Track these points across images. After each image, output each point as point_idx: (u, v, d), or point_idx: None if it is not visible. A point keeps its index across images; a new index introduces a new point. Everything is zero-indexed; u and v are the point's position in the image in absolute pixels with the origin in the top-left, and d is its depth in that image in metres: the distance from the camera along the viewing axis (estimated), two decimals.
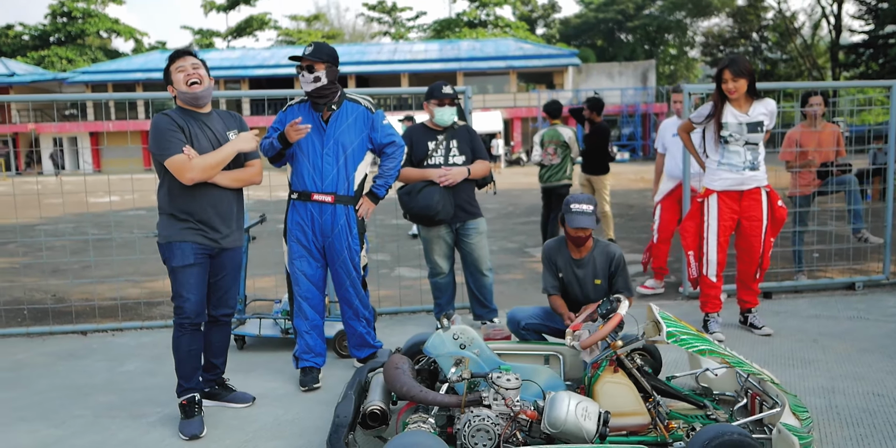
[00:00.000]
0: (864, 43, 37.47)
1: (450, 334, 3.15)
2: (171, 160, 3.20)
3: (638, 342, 3.08)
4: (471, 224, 4.64)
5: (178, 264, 3.29)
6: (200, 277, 3.34)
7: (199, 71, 3.33)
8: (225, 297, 3.53)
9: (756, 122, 4.41)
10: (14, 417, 3.54)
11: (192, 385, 3.37)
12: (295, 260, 3.87)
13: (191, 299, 3.30)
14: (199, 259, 3.32)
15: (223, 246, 3.39)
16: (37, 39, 51.83)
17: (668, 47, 52.63)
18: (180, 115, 3.33)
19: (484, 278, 4.72)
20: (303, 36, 52.95)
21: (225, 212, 3.39)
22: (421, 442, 2.48)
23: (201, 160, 3.23)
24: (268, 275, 6.27)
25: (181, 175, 3.21)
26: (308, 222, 3.81)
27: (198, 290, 3.33)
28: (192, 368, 3.37)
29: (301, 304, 3.88)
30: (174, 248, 3.29)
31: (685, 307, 5.33)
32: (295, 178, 3.85)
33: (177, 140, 3.23)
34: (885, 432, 3.12)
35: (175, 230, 3.29)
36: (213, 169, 3.27)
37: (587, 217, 3.66)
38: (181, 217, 3.30)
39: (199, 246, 3.31)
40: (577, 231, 3.68)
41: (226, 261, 3.46)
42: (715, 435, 2.50)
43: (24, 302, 5.99)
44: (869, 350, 4.26)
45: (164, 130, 3.24)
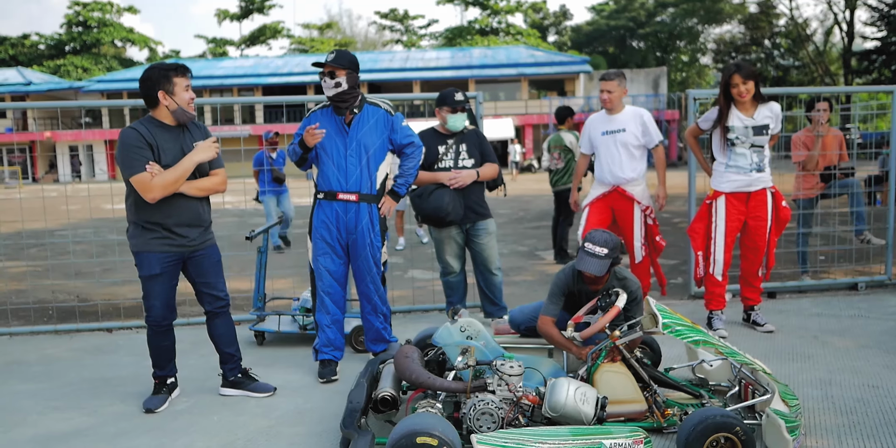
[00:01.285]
0: (877, 49, 37.46)
1: (457, 326, 3.33)
2: (135, 179, 3.34)
3: (636, 333, 3.24)
4: (480, 225, 4.82)
5: (145, 274, 3.51)
6: (166, 285, 3.55)
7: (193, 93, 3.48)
8: (214, 292, 3.73)
9: (762, 125, 4.57)
10: (48, 407, 3.74)
11: (165, 373, 3.73)
12: (319, 256, 4.06)
13: (156, 305, 3.56)
14: (166, 268, 3.52)
15: (193, 248, 3.59)
16: (53, 49, 52.69)
17: (679, 54, 52.72)
18: (150, 128, 3.40)
19: (493, 277, 4.90)
20: (315, 44, 53.49)
21: (190, 219, 3.55)
22: (428, 422, 2.66)
23: (161, 179, 3.35)
24: (286, 276, 6.47)
25: (144, 195, 3.36)
26: (333, 220, 4.01)
27: (163, 296, 3.56)
28: (165, 360, 3.71)
29: (324, 298, 4.08)
30: (142, 258, 3.50)
31: (691, 306, 5.48)
32: (321, 179, 4.04)
33: (141, 158, 3.33)
34: (878, 420, 3.26)
35: (143, 240, 3.47)
36: (174, 185, 3.40)
37: (597, 261, 3.41)
38: (147, 227, 3.46)
39: (165, 255, 3.50)
40: (584, 273, 3.51)
41: (202, 260, 3.65)
42: (703, 418, 2.68)
43: (50, 302, 6.22)
44: (867, 346, 4.39)
45: (130, 147, 3.34)
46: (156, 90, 3.38)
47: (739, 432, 2.67)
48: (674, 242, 8.52)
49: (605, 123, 5.06)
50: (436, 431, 2.60)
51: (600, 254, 3.41)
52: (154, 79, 3.38)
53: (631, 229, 5.04)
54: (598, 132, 5.09)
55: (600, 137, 5.07)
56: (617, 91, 4.96)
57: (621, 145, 4.96)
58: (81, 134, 37.27)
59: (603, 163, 5.07)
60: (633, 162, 4.99)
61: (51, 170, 37.39)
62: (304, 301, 4.85)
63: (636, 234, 5.03)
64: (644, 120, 4.98)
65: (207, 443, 3.22)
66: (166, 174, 3.38)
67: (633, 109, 5.04)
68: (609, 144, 5.01)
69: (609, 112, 5.05)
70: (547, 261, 8.14)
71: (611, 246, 3.43)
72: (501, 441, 2.61)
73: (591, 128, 5.17)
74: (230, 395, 3.81)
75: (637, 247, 5.04)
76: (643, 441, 2.66)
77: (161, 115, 3.45)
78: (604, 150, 5.05)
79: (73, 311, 5.79)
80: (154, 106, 3.44)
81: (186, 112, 3.44)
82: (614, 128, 4.99)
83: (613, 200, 5.07)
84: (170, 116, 3.45)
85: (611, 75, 4.98)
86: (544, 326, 3.61)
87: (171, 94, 3.39)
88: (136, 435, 3.33)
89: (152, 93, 3.39)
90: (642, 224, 5.04)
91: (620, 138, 4.96)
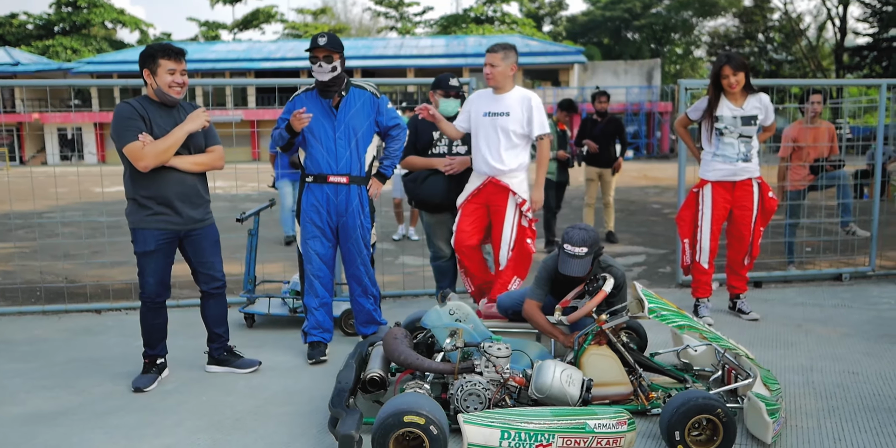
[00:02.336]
0: (869, 45, 37.58)
1: (446, 309, 3.36)
2: (127, 148, 3.37)
3: (622, 317, 3.28)
4: None
5: (139, 250, 3.55)
6: (161, 262, 3.58)
7: (185, 77, 3.51)
8: (211, 272, 3.75)
9: (750, 116, 4.61)
10: (36, 386, 3.75)
11: (156, 352, 3.73)
12: (308, 240, 4.08)
13: (150, 282, 3.58)
14: (161, 245, 3.55)
15: (190, 226, 3.60)
16: (41, 29, 52.04)
17: (674, 46, 52.70)
18: (144, 104, 3.47)
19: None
20: (309, 29, 53.09)
21: (187, 194, 3.57)
22: (416, 401, 2.70)
23: (152, 147, 3.39)
24: (277, 260, 6.48)
25: (136, 163, 3.38)
26: (323, 203, 4.03)
27: (157, 273, 3.58)
28: (156, 339, 3.71)
29: (313, 281, 4.10)
30: (137, 235, 3.53)
31: (678, 294, 5.53)
32: (310, 162, 4.04)
33: (134, 128, 3.38)
34: (856, 404, 3.33)
35: (139, 217, 3.51)
36: (166, 153, 3.42)
37: (577, 262, 3.39)
38: (144, 203, 3.49)
39: (161, 232, 3.53)
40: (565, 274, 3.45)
41: (200, 239, 3.67)
42: (685, 400, 2.74)
43: (38, 283, 6.20)
44: (849, 334, 4.47)
45: (124, 119, 3.39)
46: (142, 68, 3.47)
47: (721, 414, 2.72)
48: (663, 232, 8.60)
49: (489, 103, 4.39)
50: (423, 410, 2.63)
51: (580, 254, 3.38)
52: (143, 56, 3.47)
53: (501, 229, 4.39)
54: (480, 112, 4.41)
55: (481, 118, 4.40)
56: (501, 66, 4.29)
57: (502, 131, 4.33)
58: (70, 116, 36.94)
59: (480, 148, 4.40)
60: (514, 151, 4.37)
61: (39, 152, 37.09)
62: (293, 284, 4.87)
63: (505, 234, 4.37)
64: (532, 105, 4.34)
65: (196, 422, 3.25)
66: (158, 143, 3.41)
67: (522, 92, 4.41)
68: (488, 127, 4.36)
69: (495, 91, 4.40)
70: (537, 248, 8.17)
71: (590, 243, 3.39)
72: (487, 421, 2.65)
73: (473, 104, 4.47)
74: (215, 371, 3.87)
75: (503, 252, 4.40)
76: (627, 422, 2.71)
77: (148, 91, 3.52)
78: (482, 133, 4.39)
79: (62, 292, 5.78)
80: (146, 83, 3.50)
81: (166, 94, 3.47)
82: (498, 110, 4.35)
83: (488, 195, 4.42)
84: (154, 96, 3.51)
85: (496, 47, 4.35)
86: (530, 310, 3.62)
87: (154, 74, 3.45)
88: (125, 414, 3.35)
89: (140, 70, 3.49)
90: (515, 223, 4.39)
91: (502, 123, 4.33)
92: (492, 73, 4.32)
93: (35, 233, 8.65)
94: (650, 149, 36.42)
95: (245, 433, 3.12)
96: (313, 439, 3.04)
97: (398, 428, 2.62)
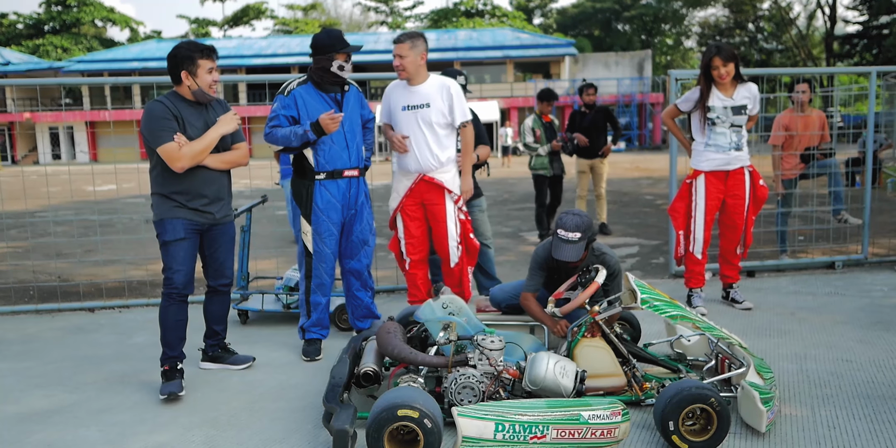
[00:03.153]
0: (858, 33, 37.68)
1: (439, 303, 3.35)
2: (163, 148, 3.38)
3: (615, 308, 3.28)
4: (474, 202, 4.93)
5: (169, 238, 3.50)
6: (189, 251, 3.55)
7: (218, 74, 3.52)
8: (221, 269, 3.75)
9: (740, 106, 4.62)
10: (30, 384, 3.74)
11: (175, 353, 3.57)
12: (326, 239, 4.03)
13: (180, 271, 3.51)
14: (189, 234, 3.53)
15: (214, 222, 3.60)
16: (31, 28, 51.68)
17: (664, 37, 52.69)
18: (175, 102, 3.47)
19: (487, 250, 5.00)
20: (299, 25, 52.90)
21: (215, 191, 3.58)
22: (410, 395, 2.69)
23: (189, 148, 3.41)
24: (270, 256, 6.46)
25: (172, 164, 3.40)
26: (339, 199, 4.01)
27: (186, 262, 3.54)
28: (177, 338, 3.57)
29: (325, 280, 4.08)
30: (166, 224, 3.49)
31: (671, 285, 5.54)
32: (322, 158, 3.97)
33: (168, 128, 3.38)
34: (850, 392, 3.34)
35: (167, 208, 3.50)
36: (201, 155, 3.45)
37: (572, 247, 3.41)
38: (173, 198, 3.49)
39: (189, 222, 3.52)
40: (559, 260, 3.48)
41: (218, 235, 3.67)
42: (679, 390, 2.74)
43: (31, 282, 6.17)
44: (842, 322, 4.48)
45: (158, 118, 3.39)
46: (179, 69, 3.45)
47: (714, 403, 2.72)
48: (655, 223, 8.61)
49: (406, 96, 4.18)
50: (417, 404, 2.63)
51: (573, 239, 3.40)
52: (179, 58, 3.44)
53: (444, 226, 4.26)
54: (398, 106, 4.21)
55: (400, 113, 4.20)
56: (410, 56, 4.07)
57: (425, 124, 4.15)
58: (62, 115, 36.74)
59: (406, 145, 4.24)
60: (441, 144, 4.20)
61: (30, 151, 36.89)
62: (287, 280, 4.86)
63: (450, 231, 4.27)
64: (451, 93, 4.16)
65: (190, 418, 3.24)
66: (194, 144, 3.43)
67: (439, 81, 4.19)
68: (411, 122, 4.18)
69: (409, 82, 4.18)
70: (530, 242, 8.19)
71: (583, 228, 3.41)
72: (482, 413, 2.64)
73: (390, 99, 4.29)
74: (210, 368, 3.86)
75: (452, 247, 4.30)
76: (621, 413, 2.71)
77: (183, 91, 3.50)
78: (404, 129, 4.20)
79: (55, 291, 5.75)
80: (178, 82, 3.49)
81: (206, 94, 3.50)
82: (417, 102, 4.16)
83: (422, 194, 4.26)
84: (189, 94, 3.50)
85: (402, 37, 4.11)
86: (526, 302, 3.66)
87: (194, 75, 3.45)
88: (119, 411, 3.34)
89: (176, 71, 3.46)
90: (456, 219, 4.29)
91: (424, 115, 4.15)
92: (401, 64, 4.11)
93: (27, 232, 8.61)
94: (642, 140, 36.47)
95: (240, 429, 3.12)
96: (308, 435, 3.04)
97: (392, 422, 2.62)
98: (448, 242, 4.29)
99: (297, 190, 4.07)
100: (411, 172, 4.24)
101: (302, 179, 4.05)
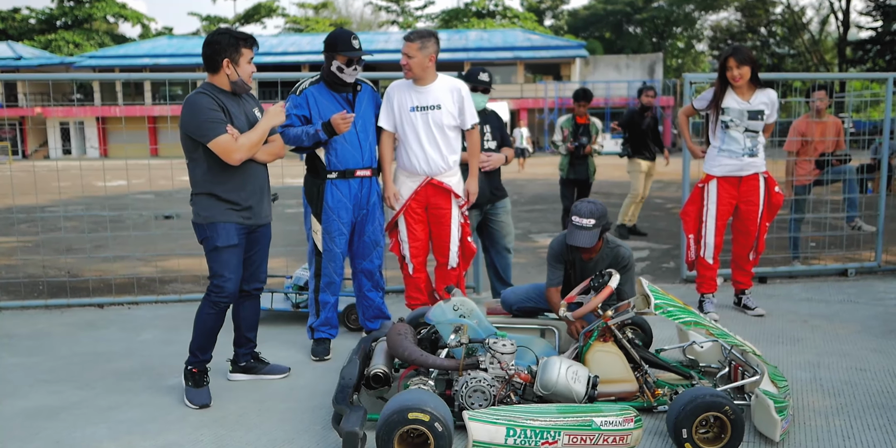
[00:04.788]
0: (872, 39, 37.45)
1: (450, 305, 3.33)
2: (217, 141, 3.20)
3: (628, 314, 3.26)
4: (499, 204, 4.85)
5: (223, 244, 3.32)
6: (240, 258, 3.41)
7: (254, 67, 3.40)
8: (257, 272, 3.60)
9: (757, 111, 4.57)
10: (38, 380, 3.73)
11: (206, 357, 3.45)
12: (336, 238, 4.01)
13: (232, 279, 3.36)
14: (241, 239, 3.38)
15: (258, 223, 3.47)
16: (43, 23, 51.92)
17: (675, 40, 52.53)
18: (216, 94, 3.30)
19: (508, 255, 4.95)
20: (310, 24, 52.96)
21: (261, 187, 3.47)
22: (420, 398, 2.67)
23: (246, 139, 3.27)
24: (279, 255, 6.45)
25: (229, 156, 3.22)
26: (350, 198, 4.00)
27: (237, 270, 3.39)
28: (210, 343, 3.45)
29: (335, 280, 4.07)
30: (218, 229, 3.31)
31: (682, 289, 5.51)
32: (334, 158, 3.96)
33: (220, 120, 3.21)
34: (864, 402, 3.30)
35: (219, 210, 3.32)
36: (256, 146, 3.33)
37: (587, 233, 3.46)
38: (224, 196, 3.32)
39: (240, 226, 3.37)
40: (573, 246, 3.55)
41: (259, 236, 3.54)
42: (693, 397, 2.71)
43: (41, 277, 6.18)
44: (856, 330, 4.44)
45: (206, 110, 3.20)
46: (222, 56, 3.26)
47: (729, 412, 2.69)
48: (666, 227, 8.57)
49: (416, 96, 4.07)
50: (428, 407, 2.61)
51: (588, 225, 3.45)
52: (223, 45, 3.26)
53: (448, 230, 4.22)
54: (406, 107, 4.08)
55: (408, 114, 4.08)
56: (418, 56, 3.94)
57: (436, 126, 4.06)
58: (73, 110, 36.90)
59: (411, 146, 4.10)
60: (450, 146, 4.13)
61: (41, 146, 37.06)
62: (296, 279, 4.85)
63: (453, 235, 4.23)
64: (462, 95, 4.09)
65: (199, 417, 3.23)
66: (250, 134, 3.29)
67: (450, 82, 4.11)
68: (420, 124, 4.06)
69: (416, 82, 4.07)
70: (540, 243, 8.15)
71: (597, 215, 3.46)
72: (493, 418, 2.62)
73: (396, 98, 4.10)
74: (241, 380, 3.68)
75: (453, 252, 4.27)
76: (633, 419, 2.69)
77: (220, 81, 3.32)
78: (413, 130, 4.07)
79: (64, 287, 5.76)
80: (215, 71, 3.31)
81: (245, 84, 3.36)
82: (427, 103, 4.05)
83: (428, 197, 4.17)
84: (227, 84, 3.33)
85: (412, 36, 3.99)
86: (551, 297, 3.69)
87: (236, 64, 3.29)
88: (128, 408, 3.34)
89: (217, 58, 3.26)
90: (459, 223, 4.26)
91: (435, 117, 4.05)
92: (408, 64, 3.97)
93: (37, 227, 8.63)
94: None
95: (248, 429, 3.10)
96: (317, 436, 3.02)
97: (403, 425, 2.60)
98: (450, 246, 4.24)
99: (309, 189, 4.06)
100: (418, 174, 4.15)
101: (314, 178, 4.04)
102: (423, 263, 4.34)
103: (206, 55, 3.29)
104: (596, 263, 3.67)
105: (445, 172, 4.14)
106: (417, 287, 4.36)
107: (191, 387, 3.39)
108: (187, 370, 3.42)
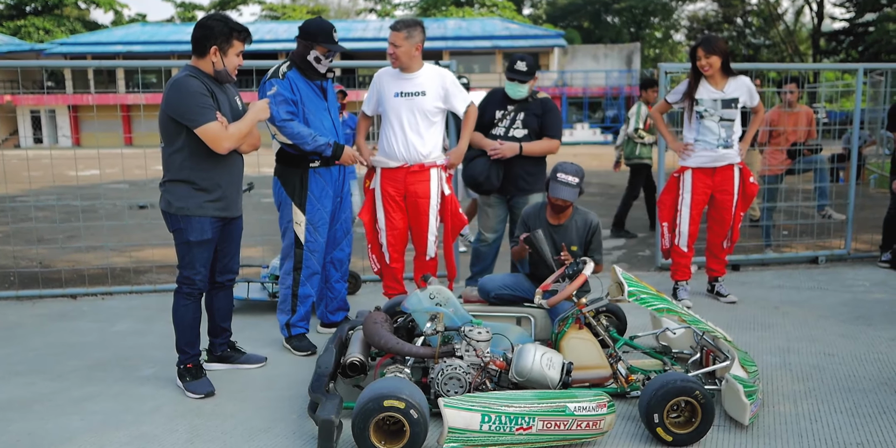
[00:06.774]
0: (845, 30, 37.92)
1: (426, 293, 3.34)
2: (207, 128, 3.12)
3: (602, 301, 3.29)
4: (522, 200, 4.62)
5: (196, 239, 3.28)
6: (212, 251, 3.40)
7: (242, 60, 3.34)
8: (230, 264, 3.57)
9: (731, 99, 4.61)
10: (10, 372, 3.69)
11: (196, 351, 3.45)
12: (320, 228, 3.94)
13: (202, 273, 3.37)
14: (216, 233, 3.36)
15: (232, 215, 3.42)
16: (12, 9, 50.72)
17: (653, 30, 52.71)
18: (203, 79, 3.21)
19: None
20: (287, 11, 52.38)
21: (238, 179, 3.44)
22: (396, 385, 2.69)
23: (236, 128, 3.22)
24: (255, 245, 6.42)
25: (218, 144, 3.15)
26: (331, 186, 3.97)
27: (208, 262, 3.39)
28: (195, 336, 3.43)
29: (317, 272, 3.99)
30: (192, 222, 3.26)
31: (657, 277, 5.57)
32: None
33: (209, 106, 3.13)
34: (832, 385, 3.38)
35: (195, 203, 3.25)
36: (245, 138, 3.29)
37: (569, 189, 3.74)
38: (202, 185, 3.25)
39: (216, 220, 3.33)
40: (556, 199, 3.79)
41: (232, 228, 3.50)
42: (664, 383, 2.75)
43: (11, 268, 6.09)
44: (825, 316, 4.53)
45: (196, 94, 3.11)
46: (210, 43, 3.18)
47: (699, 396, 2.74)
48: (641, 216, 8.64)
49: (400, 83, 4.10)
50: (403, 394, 2.62)
51: (572, 183, 3.75)
52: (215, 31, 3.18)
53: (426, 220, 4.20)
54: (390, 93, 4.11)
55: (392, 99, 4.10)
56: (405, 46, 4.00)
57: (419, 112, 4.08)
58: (43, 98, 36.21)
59: (394, 131, 4.11)
60: (431, 131, 4.15)
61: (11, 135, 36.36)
62: (273, 268, 4.83)
63: (431, 225, 4.22)
64: (447, 82, 4.13)
65: (175, 407, 3.22)
66: (239, 125, 3.25)
67: (435, 70, 4.17)
68: (403, 109, 4.09)
69: (403, 70, 4.12)
70: None
71: (580, 176, 3.79)
72: (468, 404, 2.64)
73: (380, 85, 4.17)
74: (217, 369, 3.64)
75: (431, 241, 4.25)
76: (606, 404, 2.72)
77: (204, 65, 3.23)
78: (396, 115, 4.10)
79: (36, 277, 5.68)
80: (201, 55, 3.22)
81: (229, 76, 3.28)
82: (412, 90, 4.08)
83: (406, 185, 4.16)
84: (211, 70, 3.24)
85: (398, 25, 4.05)
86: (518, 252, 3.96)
87: (224, 53, 3.21)
88: (102, 400, 3.31)
89: (206, 43, 3.18)
90: (438, 207, 4.23)
91: (419, 103, 4.08)
92: (395, 53, 4.01)
93: (8, 217, 8.49)
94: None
95: (224, 419, 3.10)
96: (293, 424, 3.03)
97: (378, 412, 2.61)
98: (427, 236, 4.23)
99: (289, 179, 3.92)
100: (397, 160, 4.15)
101: (294, 168, 3.90)
102: (402, 252, 4.31)
103: (195, 37, 3.22)
104: (567, 228, 3.90)
105: (425, 158, 4.14)
106: (395, 277, 4.34)
107: (190, 380, 3.37)
108: (181, 369, 3.40)
